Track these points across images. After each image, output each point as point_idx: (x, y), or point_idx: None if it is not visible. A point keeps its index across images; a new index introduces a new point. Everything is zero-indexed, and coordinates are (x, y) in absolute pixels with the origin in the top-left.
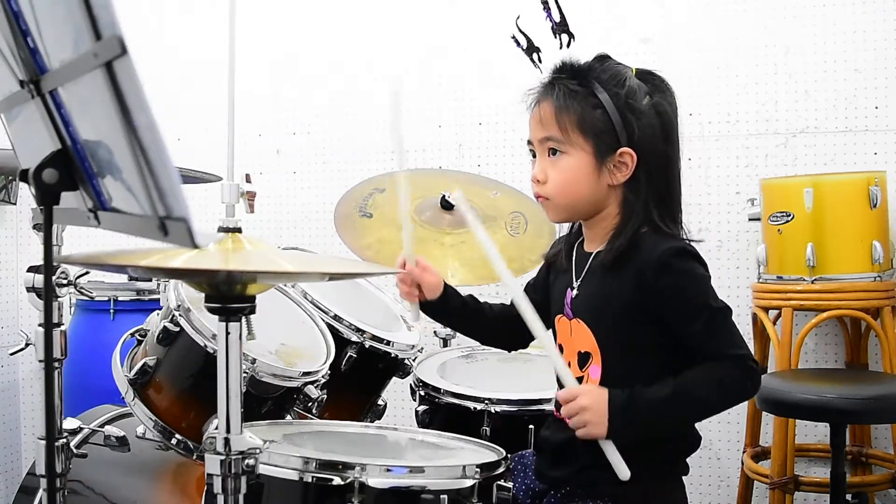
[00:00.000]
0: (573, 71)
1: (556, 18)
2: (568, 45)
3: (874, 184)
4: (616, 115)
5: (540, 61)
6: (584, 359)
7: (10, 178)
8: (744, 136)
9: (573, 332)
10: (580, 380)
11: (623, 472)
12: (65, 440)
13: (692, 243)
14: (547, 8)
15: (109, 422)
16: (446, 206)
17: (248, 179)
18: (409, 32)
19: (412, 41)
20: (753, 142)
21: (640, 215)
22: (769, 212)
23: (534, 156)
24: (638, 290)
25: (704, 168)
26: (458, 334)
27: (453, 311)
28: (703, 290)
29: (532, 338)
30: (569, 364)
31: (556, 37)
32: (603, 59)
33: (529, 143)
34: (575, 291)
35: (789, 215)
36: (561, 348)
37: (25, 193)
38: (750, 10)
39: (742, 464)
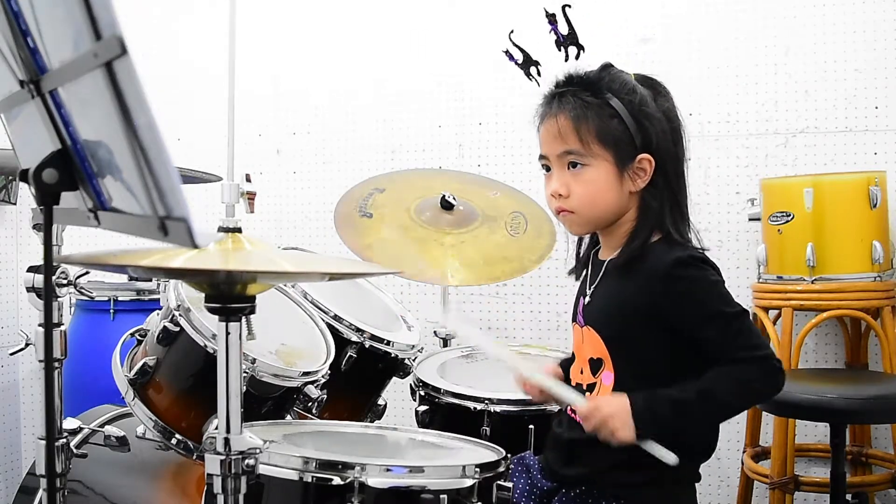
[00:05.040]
0: (584, 82)
1: (564, 31)
2: (577, 58)
3: (874, 184)
4: (632, 123)
5: (539, 75)
6: (595, 365)
7: (10, 178)
8: (744, 136)
9: (584, 339)
10: (593, 386)
11: (669, 458)
12: (65, 440)
13: (701, 250)
14: (553, 21)
15: (109, 422)
16: (446, 206)
17: (248, 179)
18: (409, 32)
19: (412, 41)
20: (753, 142)
21: (656, 218)
22: (769, 212)
23: (547, 170)
24: (647, 298)
25: (704, 168)
26: (458, 334)
27: None
28: (714, 297)
29: None
30: (581, 371)
31: (560, 49)
32: (608, 67)
33: (543, 157)
34: (587, 299)
35: (789, 215)
36: (573, 356)
37: (25, 193)
38: (750, 10)
39: (742, 464)
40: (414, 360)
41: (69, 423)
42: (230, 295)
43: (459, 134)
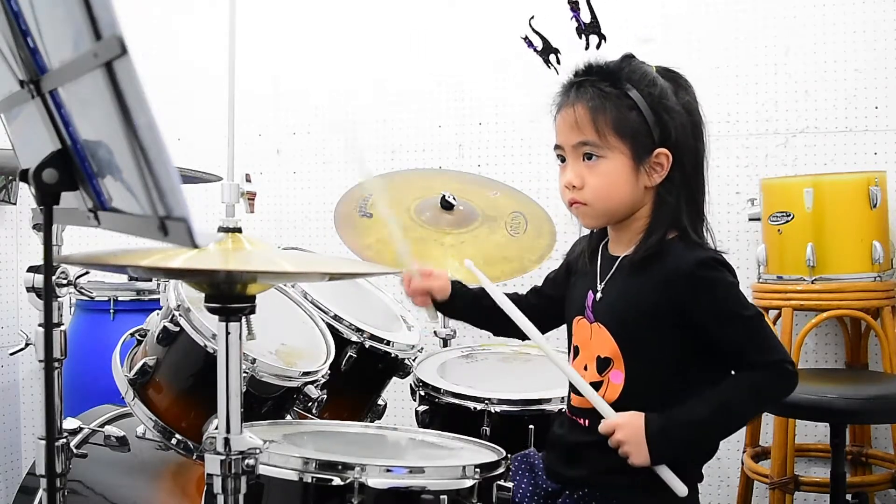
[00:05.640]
0: (604, 72)
1: (586, 19)
2: (598, 47)
3: (874, 184)
4: (651, 116)
5: (558, 63)
6: (603, 364)
7: (10, 178)
8: (744, 136)
9: (593, 335)
10: (598, 385)
11: (679, 489)
12: (65, 440)
13: (719, 252)
14: (576, 8)
15: (109, 422)
16: (446, 206)
17: (248, 179)
18: (409, 32)
19: (412, 41)
20: (753, 142)
21: (672, 215)
22: (769, 212)
23: (562, 160)
24: (665, 298)
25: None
26: (458, 334)
27: (465, 307)
28: (732, 300)
29: (545, 329)
30: (585, 367)
31: (581, 37)
32: (629, 58)
33: (558, 147)
34: (598, 294)
35: (789, 215)
36: (577, 350)
37: (25, 193)
38: (750, 10)
39: (742, 464)
40: (414, 360)
41: (69, 423)
42: (230, 295)
43: (459, 134)
